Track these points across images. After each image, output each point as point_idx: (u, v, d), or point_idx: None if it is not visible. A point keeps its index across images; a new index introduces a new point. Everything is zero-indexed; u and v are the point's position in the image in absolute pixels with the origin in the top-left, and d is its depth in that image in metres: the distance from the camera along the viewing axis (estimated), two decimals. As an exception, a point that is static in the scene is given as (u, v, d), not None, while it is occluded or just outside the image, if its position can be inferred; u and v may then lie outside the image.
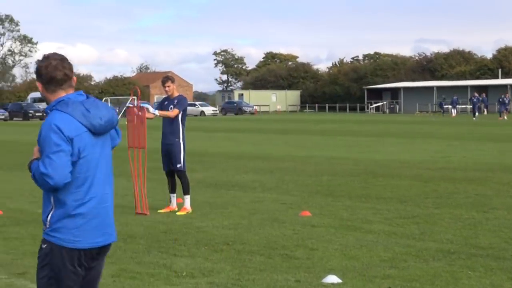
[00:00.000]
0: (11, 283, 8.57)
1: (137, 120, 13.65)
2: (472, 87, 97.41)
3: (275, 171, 21.14)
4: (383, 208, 13.84)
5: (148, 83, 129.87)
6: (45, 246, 4.89)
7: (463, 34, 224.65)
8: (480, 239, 10.77)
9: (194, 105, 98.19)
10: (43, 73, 4.90)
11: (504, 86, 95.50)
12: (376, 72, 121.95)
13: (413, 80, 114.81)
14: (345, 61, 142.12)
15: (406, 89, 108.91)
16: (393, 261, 9.39)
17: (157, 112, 13.64)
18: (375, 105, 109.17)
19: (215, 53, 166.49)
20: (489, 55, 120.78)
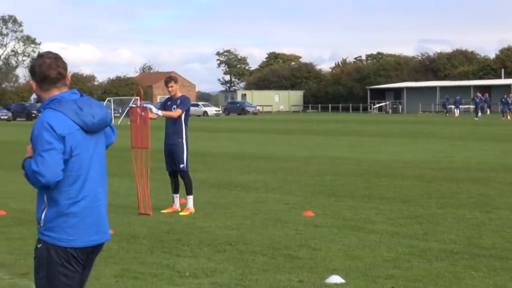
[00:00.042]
0: (14, 283, 8.58)
1: (140, 120, 13.66)
2: (475, 87, 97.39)
3: (278, 171, 21.14)
4: (386, 208, 13.83)
5: (151, 83, 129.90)
6: (40, 245, 4.88)
7: (466, 34, 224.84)
8: (483, 239, 10.76)
9: (197, 105, 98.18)
10: (37, 71, 4.89)
11: (507, 86, 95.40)
12: (379, 72, 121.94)
13: (416, 80, 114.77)
14: (348, 61, 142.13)
15: (409, 89, 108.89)
16: (396, 261, 9.39)
17: (160, 112, 13.64)
18: (378, 105, 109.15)
19: (218, 53, 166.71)
20: (492, 55, 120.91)
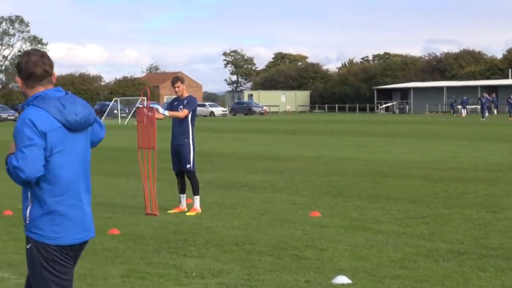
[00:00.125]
0: (21, 283, 8.58)
1: (147, 120, 13.67)
2: (482, 87, 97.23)
3: (285, 171, 21.13)
4: (393, 208, 13.81)
5: (157, 83, 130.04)
6: (29, 246, 4.91)
7: (473, 34, 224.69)
8: (490, 240, 10.74)
9: (203, 105, 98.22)
10: (23, 68, 4.90)
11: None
12: (386, 72, 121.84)
13: (423, 80, 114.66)
14: (354, 61, 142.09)
15: (416, 89, 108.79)
16: (403, 262, 9.37)
17: (166, 113, 13.65)
18: (385, 105, 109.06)
19: (224, 54, 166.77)
20: (499, 55, 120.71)
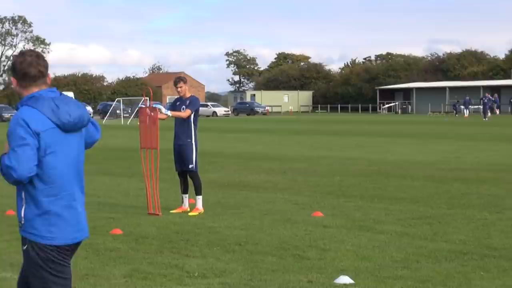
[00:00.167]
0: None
1: (149, 120, 13.67)
2: (485, 87, 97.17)
3: (287, 171, 21.13)
4: (396, 208, 13.81)
5: (160, 83, 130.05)
6: (25, 247, 4.89)
7: (476, 34, 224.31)
8: (493, 240, 10.73)
9: (206, 105, 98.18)
10: (18, 68, 4.91)
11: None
12: (389, 72, 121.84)
13: (425, 80, 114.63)
14: (357, 61, 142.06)
15: (418, 89, 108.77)
16: (406, 262, 9.37)
17: (169, 113, 13.66)
18: (387, 105, 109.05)
19: (227, 54, 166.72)
20: (502, 56, 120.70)
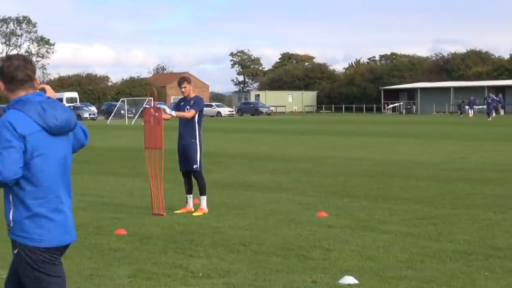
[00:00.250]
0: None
1: (154, 121, 13.68)
2: (489, 87, 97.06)
3: (292, 171, 21.12)
4: (400, 208, 13.80)
5: (164, 83, 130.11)
6: (16, 251, 4.91)
7: (480, 35, 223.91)
8: (497, 240, 10.72)
9: (210, 106, 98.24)
10: (5, 72, 4.94)
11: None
12: (393, 72, 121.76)
13: (430, 80, 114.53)
14: (361, 61, 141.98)
15: (423, 89, 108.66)
16: (410, 262, 9.36)
17: (173, 113, 13.67)
18: (391, 105, 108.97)
19: (231, 54, 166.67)
20: (507, 56, 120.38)
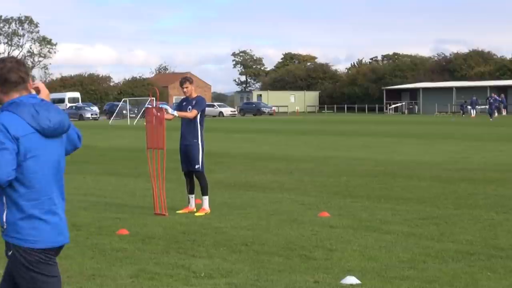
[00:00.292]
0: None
1: (156, 121, 13.69)
2: (492, 87, 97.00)
3: (294, 172, 21.12)
4: (402, 209, 13.79)
5: (166, 84, 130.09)
6: (11, 252, 4.91)
7: (483, 35, 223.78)
8: (500, 240, 10.71)
9: (212, 106, 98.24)
10: None
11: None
12: (395, 72, 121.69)
13: (432, 80, 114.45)
14: (364, 61, 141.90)
15: (425, 89, 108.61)
16: (412, 262, 9.36)
17: (176, 113, 13.67)
18: (394, 105, 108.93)
19: (233, 54, 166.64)
20: (509, 56, 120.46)
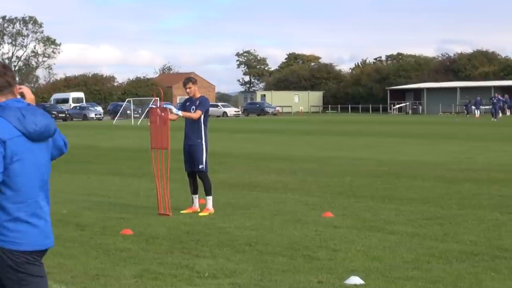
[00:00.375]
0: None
1: (160, 121, 13.69)
2: (496, 87, 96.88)
3: (298, 172, 21.11)
4: (406, 209, 13.78)
5: (171, 84, 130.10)
6: None
7: (487, 35, 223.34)
8: (504, 241, 10.70)
9: (216, 106, 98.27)
10: None
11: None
12: (399, 72, 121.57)
13: (436, 80, 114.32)
14: (368, 61, 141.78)
15: (429, 90, 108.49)
16: (416, 263, 9.35)
17: (180, 113, 13.69)
18: (398, 106, 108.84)
19: (237, 54, 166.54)
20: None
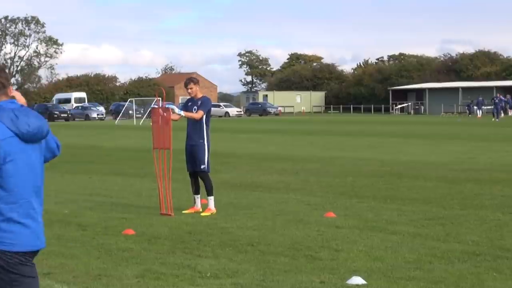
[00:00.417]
0: (37, 283, 8.61)
1: (162, 121, 13.70)
2: (498, 88, 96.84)
3: (300, 172, 21.12)
4: (408, 209, 13.78)
5: (172, 84, 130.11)
6: None
7: (489, 35, 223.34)
8: (506, 241, 10.69)
9: (218, 106, 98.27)
10: None
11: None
12: (401, 73, 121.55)
13: (438, 81, 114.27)
14: (370, 62, 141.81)
15: (431, 90, 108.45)
16: (418, 263, 9.35)
17: (182, 113, 13.69)
18: (400, 106, 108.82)
19: (239, 54, 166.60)
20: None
